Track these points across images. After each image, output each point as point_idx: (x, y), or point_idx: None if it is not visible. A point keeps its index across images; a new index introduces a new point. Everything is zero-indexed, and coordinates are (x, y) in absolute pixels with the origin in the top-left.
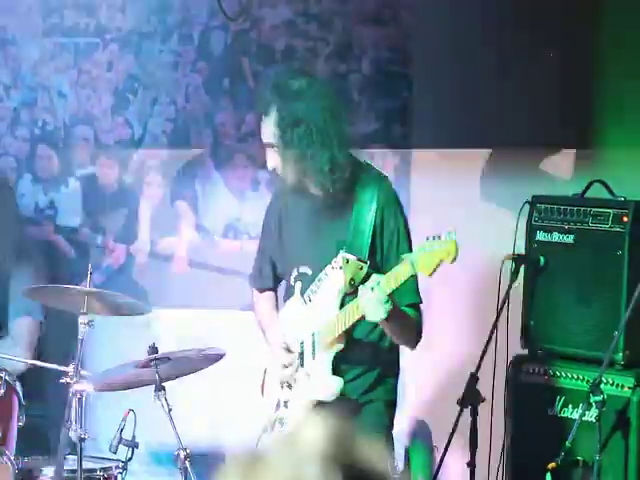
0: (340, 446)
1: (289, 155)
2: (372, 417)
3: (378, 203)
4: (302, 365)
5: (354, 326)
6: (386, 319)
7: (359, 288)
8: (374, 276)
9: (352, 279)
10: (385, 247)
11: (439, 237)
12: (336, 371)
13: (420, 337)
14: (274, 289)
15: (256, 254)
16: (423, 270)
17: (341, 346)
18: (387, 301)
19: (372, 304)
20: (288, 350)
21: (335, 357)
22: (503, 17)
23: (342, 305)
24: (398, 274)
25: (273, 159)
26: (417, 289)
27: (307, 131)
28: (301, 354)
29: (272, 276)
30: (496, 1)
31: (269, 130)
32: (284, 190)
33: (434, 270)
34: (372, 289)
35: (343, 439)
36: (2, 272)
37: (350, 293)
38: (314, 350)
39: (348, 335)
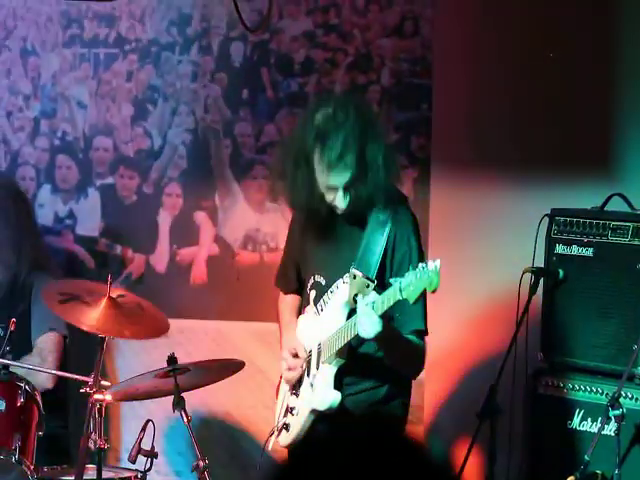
0: None
1: (357, 192)
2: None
3: (392, 225)
4: (308, 375)
5: (362, 342)
6: (380, 340)
7: (357, 303)
8: (373, 294)
9: (357, 295)
10: (394, 270)
11: (426, 264)
12: (341, 385)
13: (422, 366)
14: (299, 292)
15: (282, 256)
16: (408, 297)
17: (342, 361)
18: (379, 322)
19: (364, 321)
20: (295, 355)
21: (340, 371)
22: (522, 30)
23: (348, 319)
24: (388, 297)
25: (345, 200)
26: (424, 316)
27: (376, 167)
28: (308, 363)
29: (296, 279)
30: (515, 14)
31: (343, 175)
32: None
33: (418, 298)
34: (367, 305)
35: None
36: (23, 284)
37: (355, 309)
38: (318, 361)
39: (352, 350)
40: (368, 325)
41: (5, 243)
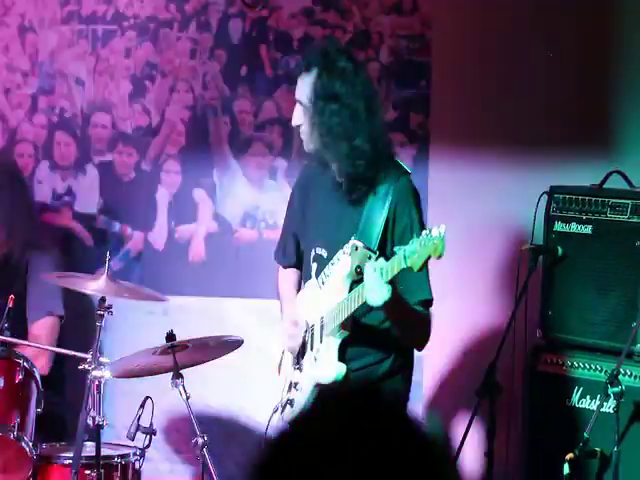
0: None
1: (315, 122)
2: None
3: (393, 197)
4: (312, 349)
5: (365, 313)
6: (388, 308)
7: (364, 271)
8: (381, 260)
9: (359, 266)
10: (396, 242)
11: (430, 231)
12: (345, 357)
13: (428, 336)
14: (298, 266)
15: (281, 230)
16: (412, 265)
17: (346, 333)
18: (387, 289)
19: (373, 288)
20: (296, 323)
21: (343, 343)
22: (522, 8)
23: (350, 291)
24: (393, 265)
25: (299, 117)
26: (429, 286)
27: (338, 110)
28: (312, 337)
29: (295, 253)
30: None
31: (304, 89)
32: (311, 169)
33: (423, 266)
34: (375, 270)
35: None
36: (18, 264)
37: (358, 280)
38: (321, 334)
39: (355, 322)
40: (377, 292)
41: None
